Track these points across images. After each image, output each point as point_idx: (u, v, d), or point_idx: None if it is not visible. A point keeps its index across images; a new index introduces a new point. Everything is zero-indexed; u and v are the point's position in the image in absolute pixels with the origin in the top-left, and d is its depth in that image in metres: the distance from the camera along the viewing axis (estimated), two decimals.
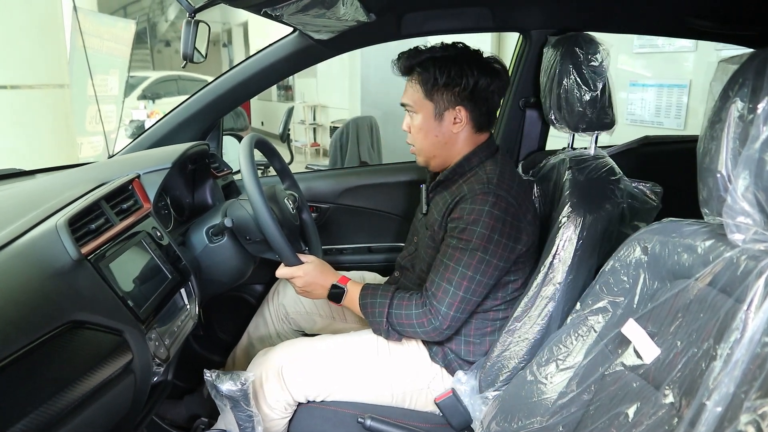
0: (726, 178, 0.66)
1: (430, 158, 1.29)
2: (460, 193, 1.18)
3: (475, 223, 1.12)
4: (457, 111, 1.22)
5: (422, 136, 1.25)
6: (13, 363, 0.69)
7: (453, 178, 1.26)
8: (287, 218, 1.30)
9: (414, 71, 1.24)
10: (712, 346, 0.65)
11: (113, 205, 1.07)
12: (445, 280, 1.13)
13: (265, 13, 1.05)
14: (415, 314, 1.16)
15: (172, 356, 1.05)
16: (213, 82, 1.61)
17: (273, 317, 1.58)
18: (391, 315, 1.18)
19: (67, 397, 0.75)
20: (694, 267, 0.72)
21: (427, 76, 1.21)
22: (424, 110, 1.23)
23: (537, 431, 0.88)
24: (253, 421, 1.11)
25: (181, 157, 1.27)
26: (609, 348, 0.84)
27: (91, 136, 3.69)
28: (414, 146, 1.30)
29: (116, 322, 0.88)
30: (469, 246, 1.12)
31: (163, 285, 1.06)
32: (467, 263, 1.11)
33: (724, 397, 0.58)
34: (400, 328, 1.18)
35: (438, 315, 1.13)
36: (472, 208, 1.13)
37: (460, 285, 1.12)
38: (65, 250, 0.86)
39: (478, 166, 1.23)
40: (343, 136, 4.44)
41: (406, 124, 1.29)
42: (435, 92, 1.21)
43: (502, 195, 1.14)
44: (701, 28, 1.36)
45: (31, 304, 0.76)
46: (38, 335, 0.73)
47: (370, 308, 1.21)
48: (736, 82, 0.67)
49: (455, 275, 1.12)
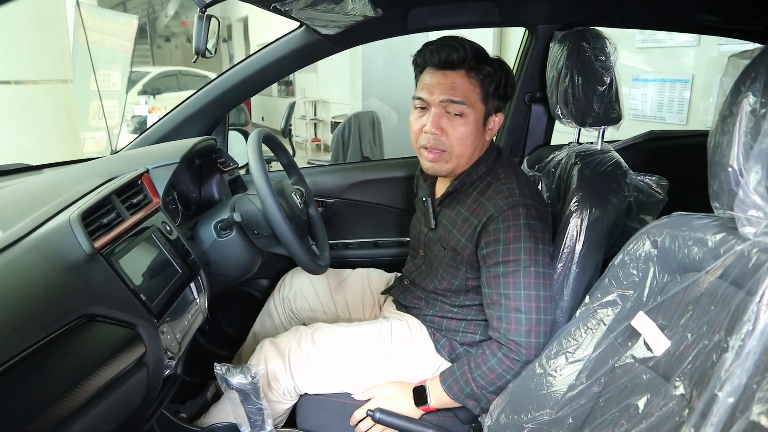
0: (738, 172, 0.67)
1: (460, 166, 1.16)
2: (485, 212, 1.10)
3: (516, 240, 1.06)
4: (498, 117, 1.15)
5: (468, 142, 1.12)
6: (31, 356, 0.69)
7: (462, 188, 1.19)
8: (295, 213, 1.31)
9: (477, 65, 1.09)
10: (723, 338, 0.66)
11: (123, 200, 1.07)
12: (512, 311, 1.06)
13: (275, 8, 1.05)
14: (496, 363, 1.07)
15: (183, 350, 1.06)
16: (219, 77, 1.62)
17: (279, 312, 1.59)
18: (476, 379, 1.08)
19: (83, 390, 0.76)
20: (704, 260, 0.73)
21: (492, 75, 1.10)
22: (477, 113, 1.11)
23: (546, 423, 0.89)
24: (263, 414, 1.12)
25: (189, 151, 1.27)
26: (618, 341, 0.84)
27: (94, 132, 3.69)
28: (441, 151, 1.13)
29: (129, 316, 0.88)
30: (521, 265, 1.05)
31: (173, 279, 1.06)
32: (527, 284, 1.05)
33: (736, 388, 0.59)
34: (492, 387, 1.08)
35: (521, 349, 1.05)
36: (506, 226, 1.07)
37: (530, 308, 1.05)
38: (78, 244, 0.86)
39: (488, 174, 1.17)
40: (345, 131, 4.44)
41: (435, 125, 1.10)
42: (492, 95, 1.11)
43: (530, 203, 1.09)
44: (708, 23, 1.37)
45: (47, 298, 0.77)
46: (54, 328, 0.74)
47: (455, 385, 1.12)
48: (748, 77, 0.68)
49: (521, 301, 1.05)
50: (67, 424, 0.73)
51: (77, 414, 0.75)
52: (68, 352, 0.76)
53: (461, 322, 1.24)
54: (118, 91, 3.88)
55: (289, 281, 1.60)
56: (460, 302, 1.22)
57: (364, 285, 1.56)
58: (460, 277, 1.20)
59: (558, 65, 1.30)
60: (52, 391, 0.71)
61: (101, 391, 0.80)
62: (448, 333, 1.25)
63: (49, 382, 0.71)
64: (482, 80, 1.10)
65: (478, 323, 1.23)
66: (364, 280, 1.56)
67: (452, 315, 1.24)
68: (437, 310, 1.26)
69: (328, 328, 1.30)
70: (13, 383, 0.66)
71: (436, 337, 1.26)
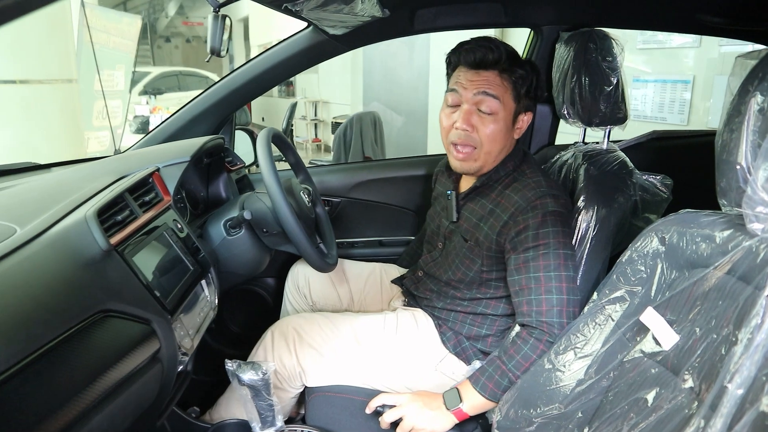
0: (746, 170, 0.68)
1: (488, 163, 1.20)
2: (513, 204, 1.14)
3: (544, 224, 1.09)
4: (527, 116, 1.20)
5: (498, 139, 1.16)
6: (54, 349, 0.71)
7: (489, 183, 1.22)
8: (304, 211, 1.32)
9: (511, 66, 1.14)
10: (731, 332, 0.67)
11: (136, 198, 1.09)
12: (543, 293, 1.08)
13: (286, 8, 1.07)
14: (530, 349, 1.07)
15: (195, 346, 1.07)
16: (226, 77, 1.63)
17: (297, 308, 1.60)
18: (512, 370, 1.07)
19: (102, 384, 0.78)
20: (712, 256, 0.74)
21: (524, 76, 1.14)
22: (508, 111, 1.15)
23: (556, 417, 0.90)
24: (274, 410, 1.13)
25: (199, 150, 1.29)
26: (627, 336, 0.86)
27: (98, 131, 3.71)
28: (472, 148, 1.17)
29: (144, 312, 0.90)
30: (550, 248, 1.08)
31: (185, 276, 1.08)
32: (557, 265, 1.08)
33: (745, 380, 0.60)
34: (522, 365, 1.07)
35: (553, 330, 1.06)
36: (536, 213, 1.10)
37: (561, 289, 1.07)
38: (95, 240, 0.87)
39: (515, 171, 1.21)
40: (347, 131, 4.46)
41: (467, 122, 1.15)
42: (523, 95, 1.16)
43: (556, 193, 1.13)
44: (712, 24, 1.38)
45: (66, 293, 0.78)
46: (75, 322, 0.75)
47: (490, 382, 1.09)
48: (756, 77, 0.69)
49: (551, 282, 1.08)
50: (89, 417, 0.75)
51: (97, 408, 0.77)
52: (88, 347, 0.77)
53: (468, 316, 1.26)
54: (122, 91, 3.90)
55: (300, 275, 1.60)
56: (471, 295, 1.24)
57: (378, 278, 1.58)
58: (475, 270, 1.22)
59: (565, 66, 1.32)
60: (75, 385, 0.72)
61: (119, 385, 0.82)
62: (455, 325, 1.27)
63: (71, 375, 0.73)
64: (514, 82, 1.15)
65: (485, 317, 1.24)
66: (378, 274, 1.58)
67: (461, 308, 1.26)
68: (447, 303, 1.28)
69: (334, 316, 1.32)
70: (39, 375, 0.67)
71: (442, 330, 1.28)
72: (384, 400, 1.14)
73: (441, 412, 1.10)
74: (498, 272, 1.20)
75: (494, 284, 1.22)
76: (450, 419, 1.10)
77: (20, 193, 1.13)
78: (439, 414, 1.10)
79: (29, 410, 0.65)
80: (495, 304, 1.24)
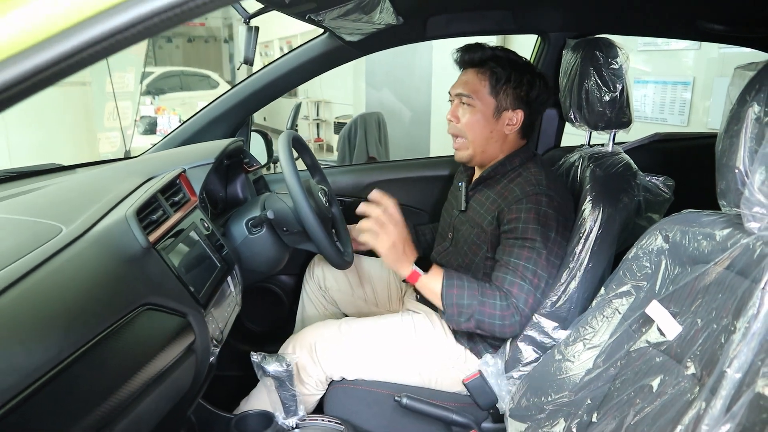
0: (743, 174, 0.74)
1: (477, 153, 1.33)
2: (512, 194, 1.24)
3: (535, 222, 1.19)
4: (516, 113, 1.30)
5: (477, 129, 1.30)
6: (105, 339, 0.76)
7: (495, 176, 1.33)
8: (321, 211, 1.38)
9: (486, 65, 1.29)
10: (730, 321, 0.73)
11: (166, 198, 1.15)
12: (518, 277, 1.17)
13: (309, 18, 1.13)
14: (500, 306, 1.16)
15: (225, 338, 1.13)
16: (244, 81, 1.69)
17: (315, 304, 1.65)
18: (478, 307, 1.16)
19: (147, 372, 0.83)
20: (713, 253, 0.80)
21: (500, 73, 1.27)
22: (485, 105, 1.29)
23: (566, 404, 0.96)
24: (297, 400, 1.19)
25: (222, 152, 1.35)
26: (633, 327, 0.92)
27: (109, 132, 3.77)
28: (462, 138, 1.33)
29: (181, 305, 0.96)
30: (535, 245, 1.18)
31: (214, 272, 1.14)
32: (536, 261, 1.17)
33: (743, 365, 0.66)
34: (480, 318, 1.17)
35: (518, 311, 1.16)
36: (528, 207, 1.20)
37: (532, 282, 1.17)
38: (135, 238, 0.93)
39: (520, 167, 1.31)
40: (351, 132, 4.51)
41: (452, 114, 1.33)
42: (501, 90, 1.28)
43: (552, 195, 1.22)
44: (712, 31, 1.44)
45: (113, 287, 0.84)
46: (122, 314, 0.81)
47: (457, 289, 1.18)
48: (753, 88, 0.75)
49: (527, 273, 1.17)
50: (138, 401, 0.81)
51: (142, 395, 0.83)
52: (134, 337, 0.83)
53: None
54: (131, 93, 3.95)
55: (317, 273, 1.66)
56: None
57: (391, 275, 1.64)
58: (480, 255, 1.30)
59: (572, 72, 1.38)
60: (125, 371, 0.78)
61: (161, 373, 0.87)
62: None
63: (122, 363, 0.79)
64: (490, 77, 1.29)
65: None
66: (389, 271, 1.64)
67: None
68: None
69: (353, 320, 1.38)
70: (95, 362, 0.73)
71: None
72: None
73: (404, 259, 1.18)
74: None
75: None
76: (405, 271, 1.19)
77: (56, 193, 1.19)
78: (402, 259, 1.18)
79: (90, 394, 0.71)
80: None
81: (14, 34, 0.35)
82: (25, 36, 0.37)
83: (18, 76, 0.36)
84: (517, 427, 1.05)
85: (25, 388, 0.61)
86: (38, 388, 0.63)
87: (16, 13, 0.35)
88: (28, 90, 0.38)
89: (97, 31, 0.38)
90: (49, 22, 0.36)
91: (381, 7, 1.16)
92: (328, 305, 1.66)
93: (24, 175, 1.49)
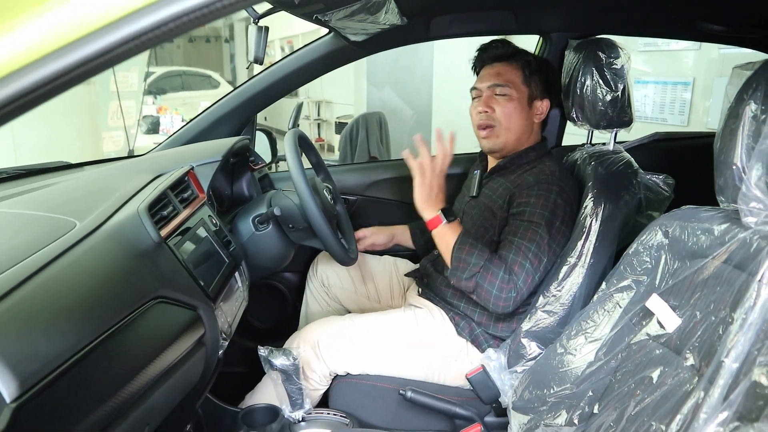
0: (741, 170, 0.77)
1: (510, 141, 1.38)
2: (524, 181, 1.30)
3: (543, 207, 1.24)
4: (543, 103, 1.37)
5: (513, 117, 1.36)
6: (119, 331, 0.79)
7: (510, 167, 1.39)
8: (327, 208, 1.40)
9: (516, 57, 1.37)
10: (728, 314, 0.75)
11: (175, 195, 1.17)
12: (521, 257, 1.21)
13: (316, 18, 1.15)
14: (501, 278, 1.20)
15: (233, 332, 1.16)
16: (249, 80, 1.71)
17: (319, 301, 1.68)
18: (487, 267, 1.21)
19: (159, 363, 0.86)
20: (711, 247, 0.83)
21: (532, 62, 1.36)
22: (520, 94, 1.37)
23: (568, 396, 0.98)
24: (303, 393, 1.22)
25: (230, 150, 1.37)
26: (633, 321, 0.94)
27: (112, 131, 3.80)
28: (496, 126, 1.37)
29: (191, 299, 0.98)
30: (539, 229, 1.23)
31: (222, 268, 1.16)
32: (539, 244, 1.22)
33: (740, 355, 0.69)
34: (481, 281, 1.21)
35: (515, 288, 1.20)
36: (539, 194, 1.25)
37: (533, 263, 1.21)
38: (147, 233, 0.96)
39: (536, 160, 1.36)
40: (353, 131, 4.53)
41: (486, 105, 1.37)
42: (532, 80, 1.36)
43: (564, 187, 1.27)
44: (712, 32, 1.47)
45: (126, 280, 0.87)
46: (135, 307, 0.83)
47: (469, 247, 1.23)
48: (750, 87, 0.77)
49: (528, 253, 1.21)
50: (147, 394, 0.83)
51: (154, 386, 0.85)
52: (146, 329, 0.85)
53: None
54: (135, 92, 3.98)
55: (320, 270, 1.68)
56: None
57: (393, 270, 1.66)
58: (486, 239, 1.33)
59: (574, 72, 1.40)
60: (139, 362, 0.80)
61: (171, 367, 0.90)
62: (467, 310, 1.35)
63: (135, 354, 0.81)
64: (522, 67, 1.37)
65: None
66: (392, 267, 1.67)
67: None
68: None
69: (356, 316, 1.40)
70: (110, 353, 0.75)
71: (456, 321, 1.36)
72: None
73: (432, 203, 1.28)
74: None
75: None
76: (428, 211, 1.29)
77: (68, 189, 1.21)
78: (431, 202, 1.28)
79: (106, 383, 0.74)
80: None
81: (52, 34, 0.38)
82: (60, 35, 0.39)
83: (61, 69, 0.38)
84: (519, 419, 1.07)
85: (47, 375, 0.63)
86: (59, 375, 0.65)
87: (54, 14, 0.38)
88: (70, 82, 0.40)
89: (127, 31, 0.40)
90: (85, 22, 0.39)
91: (386, 7, 1.18)
92: (332, 302, 1.68)
93: (33, 173, 1.51)
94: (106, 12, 0.39)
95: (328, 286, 1.66)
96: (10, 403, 0.59)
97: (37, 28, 0.40)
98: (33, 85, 0.42)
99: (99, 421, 0.70)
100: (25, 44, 0.39)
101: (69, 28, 0.39)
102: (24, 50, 0.40)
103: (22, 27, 0.39)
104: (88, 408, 0.69)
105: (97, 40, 0.37)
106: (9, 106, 0.43)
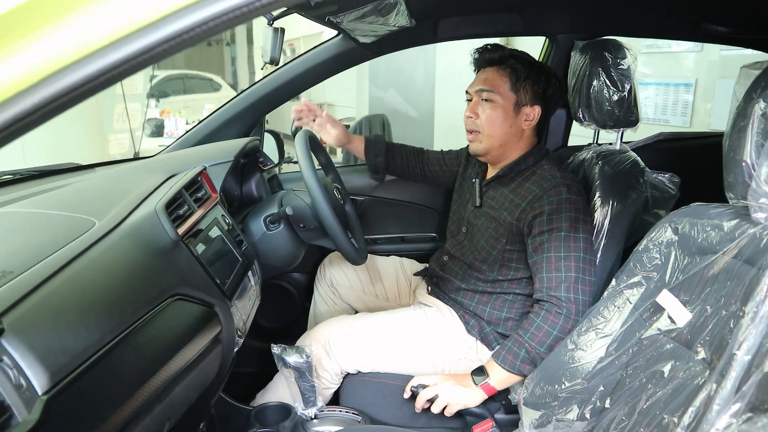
0: (750, 167, 0.78)
1: (494, 147, 1.36)
2: (530, 193, 1.29)
3: (558, 210, 1.23)
4: (533, 109, 1.34)
5: (497, 124, 1.34)
6: (141, 326, 0.80)
7: (509, 174, 1.37)
8: (337, 208, 1.42)
9: (507, 62, 1.34)
10: (739, 308, 0.77)
11: (190, 195, 1.18)
12: (552, 271, 1.21)
13: (329, 20, 1.17)
14: (541, 321, 1.19)
15: (247, 330, 1.17)
16: (258, 82, 1.73)
17: (327, 301, 1.69)
18: (528, 341, 1.19)
19: (177, 361, 0.87)
20: (721, 243, 0.84)
21: (520, 70, 1.33)
22: (506, 100, 1.34)
23: (579, 392, 1.00)
24: (315, 391, 1.23)
25: (241, 151, 1.39)
26: (644, 316, 0.95)
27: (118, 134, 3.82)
28: (479, 132, 1.37)
29: (208, 296, 0.99)
30: (561, 232, 1.21)
31: (236, 266, 1.17)
32: (566, 247, 1.20)
33: (752, 347, 0.70)
34: (543, 346, 1.18)
35: (561, 303, 1.18)
36: (550, 200, 1.25)
37: (569, 267, 1.20)
38: (165, 231, 0.97)
39: (534, 165, 1.35)
40: (356, 133, 4.55)
41: (471, 110, 1.37)
42: (521, 87, 1.33)
43: (570, 183, 1.27)
44: (716, 33, 1.48)
45: (146, 277, 0.88)
46: (155, 303, 0.85)
47: (509, 355, 1.21)
48: (759, 86, 0.79)
49: (560, 261, 1.20)
50: (168, 390, 0.84)
51: (174, 382, 0.86)
52: (166, 325, 0.87)
53: (491, 297, 1.36)
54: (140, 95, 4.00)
55: (329, 271, 1.70)
56: (493, 276, 1.35)
57: (401, 270, 1.68)
58: (499, 249, 1.33)
59: (580, 72, 1.42)
60: (160, 358, 0.82)
61: (190, 363, 0.91)
62: (477, 309, 1.37)
63: (156, 350, 0.82)
64: (510, 74, 1.34)
65: (505, 299, 1.35)
66: (399, 267, 1.68)
67: (483, 289, 1.37)
68: (470, 284, 1.39)
69: (366, 315, 1.42)
70: (133, 348, 0.77)
71: (466, 319, 1.37)
72: (419, 380, 1.25)
73: (471, 388, 1.24)
74: (519, 252, 1.32)
75: (514, 265, 1.33)
76: (480, 394, 1.23)
77: (84, 189, 1.23)
78: (470, 390, 1.23)
79: (130, 377, 0.75)
80: (515, 286, 1.34)
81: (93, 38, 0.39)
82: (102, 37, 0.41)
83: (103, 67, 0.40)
84: (531, 414, 1.09)
85: (76, 368, 0.65)
86: (87, 369, 0.66)
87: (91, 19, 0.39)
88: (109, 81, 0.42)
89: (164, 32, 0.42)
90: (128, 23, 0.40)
91: (397, 9, 1.20)
92: (340, 303, 1.70)
93: (45, 174, 1.53)
94: (147, 14, 0.40)
95: (336, 286, 1.67)
96: (42, 396, 0.60)
97: (79, 29, 0.42)
98: (71, 86, 0.43)
99: (126, 415, 0.72)
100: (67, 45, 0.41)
101: (111, 30, 0.40)
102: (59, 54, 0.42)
103: (66, 28, 0.40)
104: (116, 401, 0.70)
105: (135, 41, 0.39)
106: (44, 108, 0.45)
